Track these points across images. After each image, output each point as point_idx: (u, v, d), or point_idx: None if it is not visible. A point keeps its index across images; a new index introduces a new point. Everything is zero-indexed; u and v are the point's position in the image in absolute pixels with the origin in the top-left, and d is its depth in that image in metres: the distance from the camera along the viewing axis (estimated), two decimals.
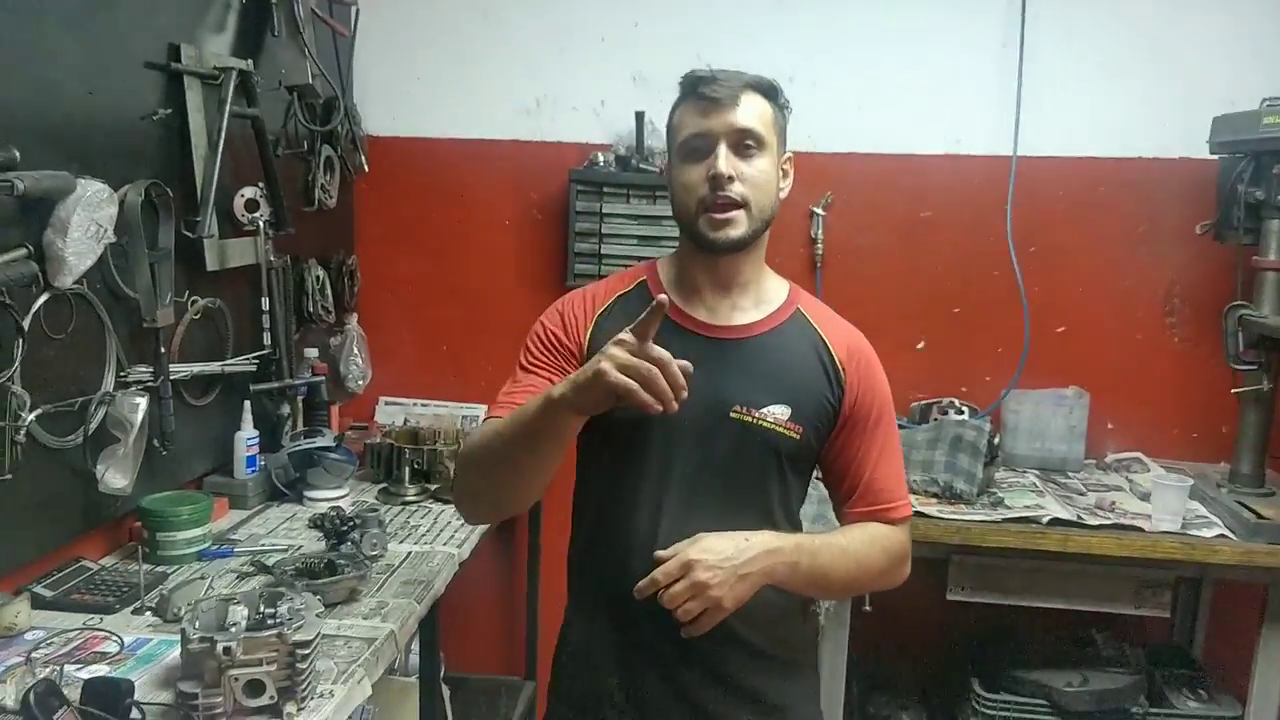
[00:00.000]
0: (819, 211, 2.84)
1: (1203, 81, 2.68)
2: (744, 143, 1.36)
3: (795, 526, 1.47)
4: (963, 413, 2.77)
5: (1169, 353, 2.81)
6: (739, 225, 1.36)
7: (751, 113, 1.36)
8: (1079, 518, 2.34)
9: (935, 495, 2.46)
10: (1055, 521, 2.32)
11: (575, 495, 1.52)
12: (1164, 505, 2.31)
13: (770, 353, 1.42)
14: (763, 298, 1.46)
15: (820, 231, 2.85)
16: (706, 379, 1.33)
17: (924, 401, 2.84)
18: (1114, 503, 2.44)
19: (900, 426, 2.73)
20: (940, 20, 2.78)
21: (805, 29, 2.82)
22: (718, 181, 1.34)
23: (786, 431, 1.39)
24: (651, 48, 2.85)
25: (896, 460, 1.49)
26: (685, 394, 1.21)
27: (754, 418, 1.38)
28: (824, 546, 1.38)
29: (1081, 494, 2.53)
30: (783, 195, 1.44)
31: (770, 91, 1.40)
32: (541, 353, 1.46)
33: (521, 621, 3.09)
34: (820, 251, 2.85)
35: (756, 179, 1.36)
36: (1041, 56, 2.74)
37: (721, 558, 1.27)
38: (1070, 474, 2.70)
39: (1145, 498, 2.44)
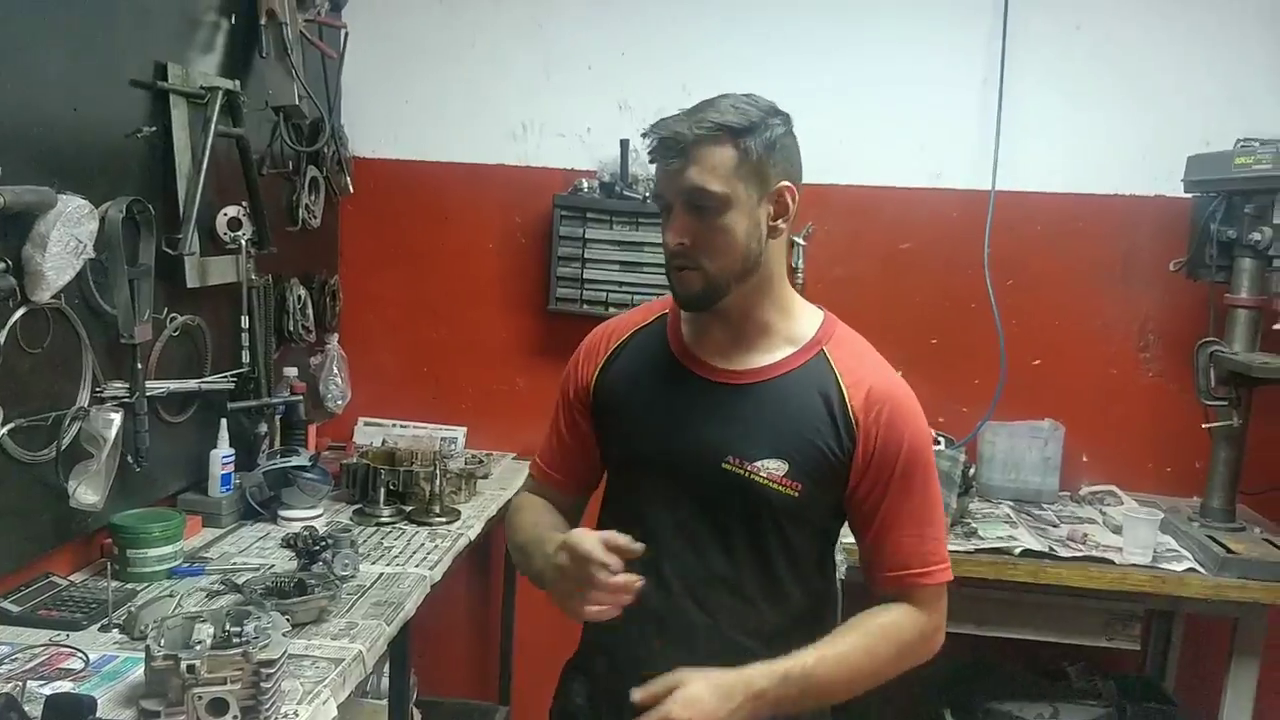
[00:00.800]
0: (799, 241, 2.87)
1: (1178, 121, 2.73)
2: (696, 203, 1.28)
3: (807, 583, 1.39)
4: (938, 443, 2.79)
5: (1143, 387, 2.84)
6: (695, 285, 1.31)
7: (703, 170, 1.26)
8: (1051, 549, 2.35)
9: None
10: (1027, 553, 2.33)
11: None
12: (1135, 538, 2.32)
13: (774, 401, 1.34)
14: (781, 340, 1.38)
15: (801, 261, 2.87)
16: (704, 427, 1.33)
17: None
18: (1086, 535, 2.45)
19: None
20: (922, 57, 2.82)
21: (791, 62, 2.85)
22: (669, 250, 1.32)
23: (781, 488, 1.31)
24: (638, 76, 2.88)
25: (930, 520, 1.36)
26: (629, 598, 1.22)
27: (747, 471, 1.32)
28: (819, 664, 1.29)
29: (1055, 525, 2.55)
30: (776, 232, 1.33)
31: (740, 131, 1.27)
32: (562, 398, 1.51)
33: (495, 645, 3.07)
34: (800, 281, 2.87)
35: (712, 241, 1.28)
36: (1021, 94, 2.78)
37: (704, 713, 1.20)
38: (1044, 506, 2.72)
39: (1118, 530, 2.45)
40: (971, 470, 2.67)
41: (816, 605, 1.44)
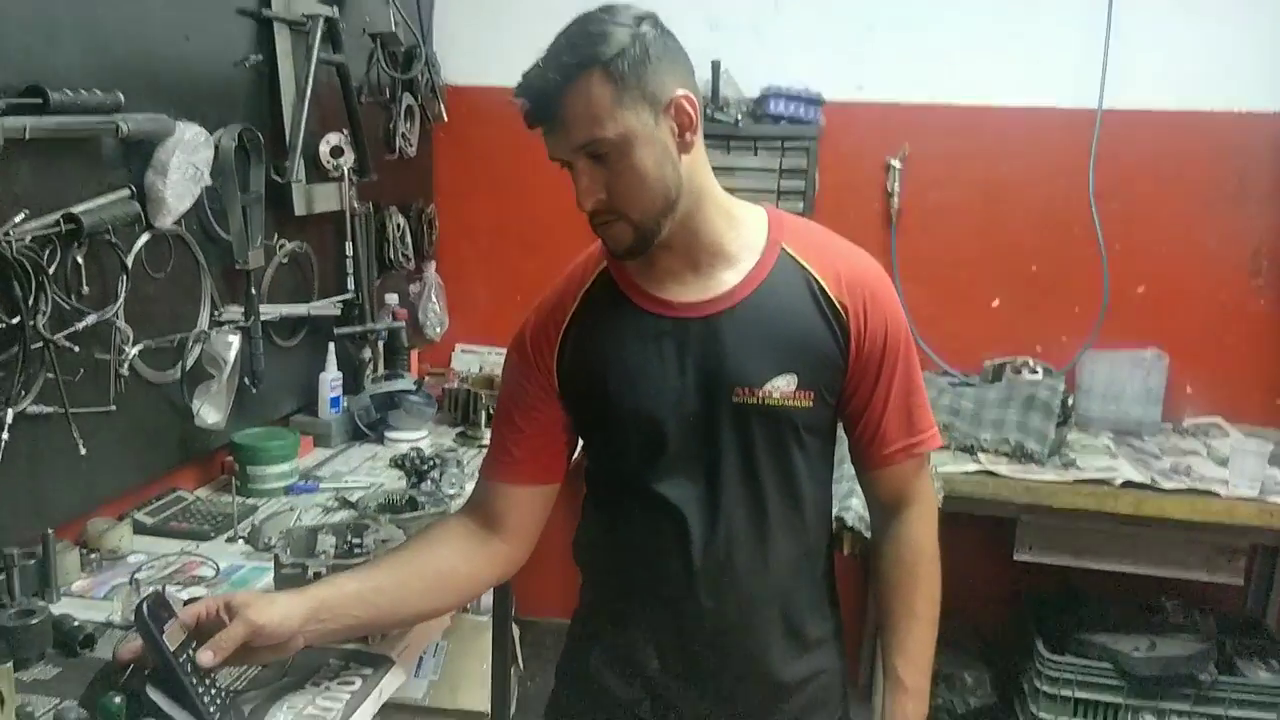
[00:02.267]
0: (895, 164, 2.81)
1: None
2: (594, 153, 1.15)
3: (824, 496, 1.35)
4: (1036, 372, 2.74)
5: (1253, 315, 2.74)
6: (624, 235, 1.20)
7: (584, 118, 1.13)
8: (1153, 481, 2.31)
9: (1006, 454, 2.44)
10: (1128, 484, 2.30)
11: (587, 487, 1.40)
12: (1242, 470, 2.27)
13: (761, 315, 1.25)
14: (739, 250, 1.27)
15: (896, 185, 2.82)
16: (698, 364, 1.25)
17: (997, 360, 2.81)
18: (1190, 467, 2.40)
19: (970, 385, 2.74)
20: None
21: None
22: (587, 212, 1.21)
23: (797, 403, 1.25)
24: None
25: (915, 388, 1.33)
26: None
27: (758, 398, 1.24)
28: (915, 646, 1.36)
29: (1156, 458, 2.50)
30: (688, 146, 1.20)
31: (605, 61, 1.12)
32: (512, 399, 1.35)
33: None
34: (896, 206, 2.82)
35: (624, 186, 1.17)
36: (1131, 5, 2.65)
37: None
38: (1146, 437, 2.66)
39: (1223, 463, 2.39)
40: (1070, 400, 2.62)
41: (824, 520, 1.38)
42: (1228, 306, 2.75)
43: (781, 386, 1.24)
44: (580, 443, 1.39)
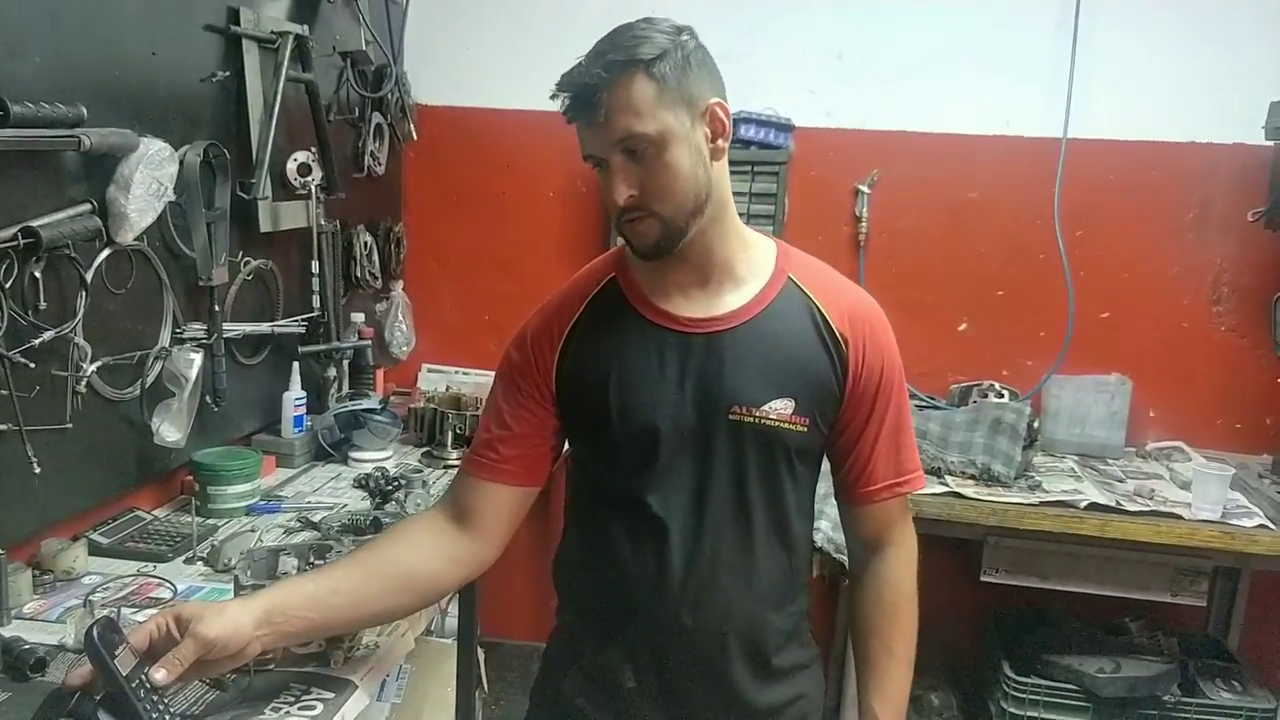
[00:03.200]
0: (864, 189, 2.84)
1: (1260, 66, 2.64)
2: (632, 149, 1.18)
3: (808, 520, 1.36)
4: (1002, 396, 2.77)
5: (1215, 342, 2.78)
6: (651, 233, 1.22)
7: (627, 113, 1.16)
8: (1117, 503, 2.33)
9: (973, 477, 2.46)
10: (1093, 506, 2.31)
11: (569, 504, 1.41)
12: (1205, 494, 2.29)
13: (764, 338, 1.27)
14: (747, 273, 1.30)
15: (865, 210, 2.84)
16: (697, 379, 1.26)
17: (964, 384, 2.83)
18: (1153, 490, 2.42)
19: (938, 408, 2.76)
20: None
21: (855, 4, 2.81)
22: (619, 208, 1.22)
23: (792, 426, 1.27)
24: (701, 19, 2.78)
25: (905, 427, 1.36)
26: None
27: (755, 417, 1.25)
28: (893, 686, 1.37)
29: (1120, 481, 2.52)
30: (719, 153, 1.25)
31: (649, 63, 1.16)
32: (505, 392, 1.35)
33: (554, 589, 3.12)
34: (864, 230, 2.84)
35: (658, 183, 1.19)
36: (1095, 38, 2.71)
37: None
38: (1110, 461, 2.69)
39: (1185, 486, 2.42)
40: (1036, 423, 2.65)
41: (805, 554, 1.39)
42: (1189, 332, 2.79)
43: (779, 408, 1.26)
44: (563, 454, 1.39)
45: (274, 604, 1.19)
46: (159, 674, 1.11)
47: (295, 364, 2.29)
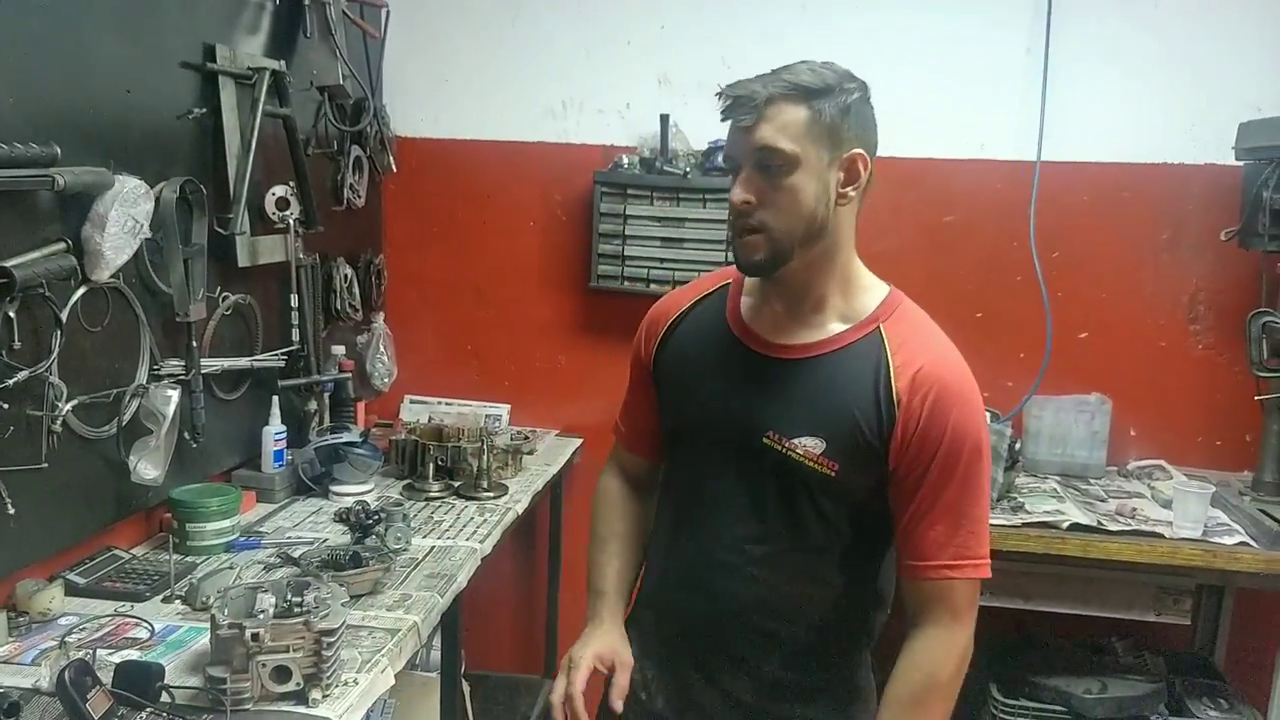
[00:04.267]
0: None
1: (1229, 87, 2.68)
2: (765, 163, 1.26)
3: (848, 561, 1.38)
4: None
5: (1192, 360, 2.80)
6: (758, 250, 1.29)
7: (775, 128, 1.25)
8: (1100, 523, 2.33)
9: None
10: (1075, 527, 2.32)
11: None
12: (1186, 512, 2.30)
13: (819, 378, 1.32)
14: (839, 315, 1.35)
15: None
16: (746, 401, 1.34)
17: None
18: (1135, 509, 2.43)
19: None
20: (966, 25, 2.78)
21: (831, 32, 2.83)
22: (735, 208, 1.30)
23: (818, 467, 1.30)
24: (677, 50, 2.87)
25: (969, 513, 1.30)
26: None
27: (784, 448, 1.31)
28: None
29: (1102, 500, 2.53)
30: (845, 200, 1.31)
31: (814, 93, 1.26)
32: (633, 367, 1.56)
33: (541, 620, 3.11)
34: None
35: (778, 201, 1.26)
36: (1067, 62, 2.74)
37: None
38: (1092, 480, 2.69)
39: (1167, 505, 2.43)
40: (1018, 445, 2.66)
41: (859, 595, 1.43)
42: (1167, 351, 2.81)
43: (808, 445, 1.31)
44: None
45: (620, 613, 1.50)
46: (619, 703, 1.41)
47: (275, 398, 2.28)
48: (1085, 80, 2.75)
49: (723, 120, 1.31)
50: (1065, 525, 2.32)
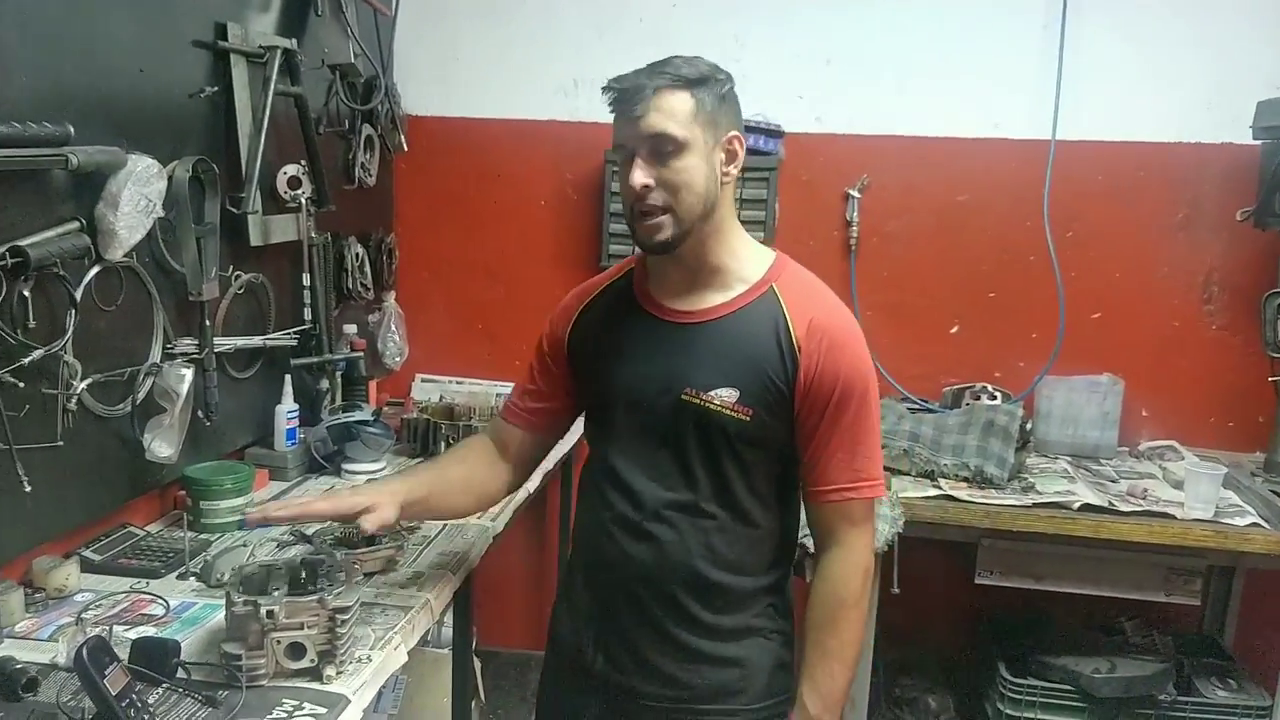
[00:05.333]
0: (854, 194, 2.84)
1: (1246, 66, 2.65)
2: (659, 149, 1.38)
3: (765, 503, 1.50)
4: (995, 398, 2.77)
5: (1206, 340, 2.79)
6: (664, 229, 1.41)
7: (664, 115, 1.36)
8: (1110, 504, 2.33)
9: (966, 479, 2.46)
10: (1086, 507, 2.32)
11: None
12: (1197, 493, 2.30)
13: (726, 335, 1.45)
14: (734, 280, 1.48)
15: (855, 214, 2.85)
16: (664, 363, 1.47)
17: (956, 386, 2.83)
18: (1146, 490, 2.43)
19: (930, 411, 2.76)
20: (980, 3, 2.76)
21: (843, 10, 2.82)
22: (634, 193, 1.41)
23: (734, 414, 1.43)
24: (689, 29, 2.86)
25: (862, 440, 1.47)
26: None
27: (702, 400, 1.44)
28: (825, 679, 1.49)
29: (1114, 481, 2.53)
30: (728, 178, 1.44)
31: (694, 82, 1.38)
32: (537, 348, 1.66)
33: (551, 597, 3.11)
34: (855, 234, 2.85)
35: (675, 181, 1.39)
36: (1083, 40, 2.72)
37: None
38: (1103, 461, 2.69)
39: (1178, 486, 2.42)
40: (1029, 425, 2.65)
41: (778, 539, 1.55)
42: (1181, 332, 2.80)
43: (724, 396, 1.43)
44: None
45: (406, 500, 1.57)
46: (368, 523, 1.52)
47: (287, 377, 2.29)
48: (1102, 58, 2.73)
49: (611, 111, 1.42)
50: (1076, 506, 2.32)
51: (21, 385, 1.52)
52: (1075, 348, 2.79)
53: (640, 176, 1.39)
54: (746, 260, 1.50)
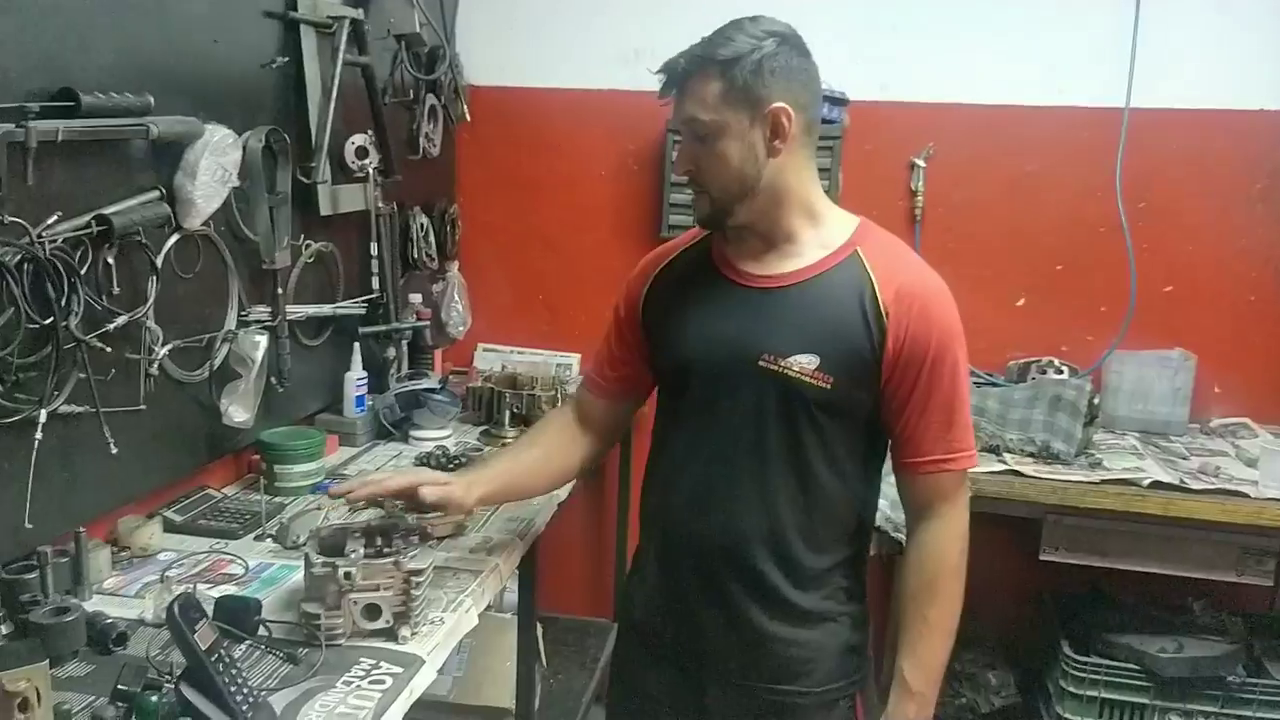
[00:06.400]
0: (919, 163, 2.80)
1: None
2: (694, 132, 1.39)
3: (843, 476, 1.46)
4: (1061, 372, 2.72)
5: None
6: (703, 206, 1.45)
7: (694, 101, 1.37)
8: (1181, 481, 2.29)
9: (1032, 455, 2.43)
10: (1156, 485, 2.27)
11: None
12: (1272, 471, 2.25)
13: (806, 301, 1.42)
14: (814, 245, 1.44)
15: (920, 184, 2.81)
16: (741, 327, 1.44)
17: (1022, 360, 2.79)
18: (1219, 468, 2.38)
19: (995, 385, 2.73)
20: None
21: None
22: (678, 175, 1.48)
23: (814, 381, 1.39)
24: None
25: (956, 408, 1.43)
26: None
27: (780, 367, 1.40)
28: (926, 652, 1.47)
29: (1184, 458, 2.48)
30: (777, 151, 1.38)
31: (726, 63, 1.34)
32: (614, 314, 1.64)
33: (610, 565, 3.16)
34: (920, 204, 2.81)
35: (710, 165, 1.40)
36: (1158, 4, 2.63)
37: None
38: (1173, 438, 2.63)
39: (1252, 464, 2.37)
40: (1096, 400, 2.60)
41: (857, 513, 1.52)
42: (1256, 306, 2.72)
43: (803, 363, 1.40)
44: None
45: (485, 492, 1.60)
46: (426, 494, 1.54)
47: (356, 345, 2.33)
48: (1178, 22, 2.64)
49: (658, 98, 1.44)
50: (1146, 483, 2.28)
51: (108, 350, 1.56)
52: (1146, 322, 2.73)
53: (680, 163, 1.44)
54: (827, 226, 1.46)
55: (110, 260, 1.57)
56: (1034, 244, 2.80)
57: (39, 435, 1.44)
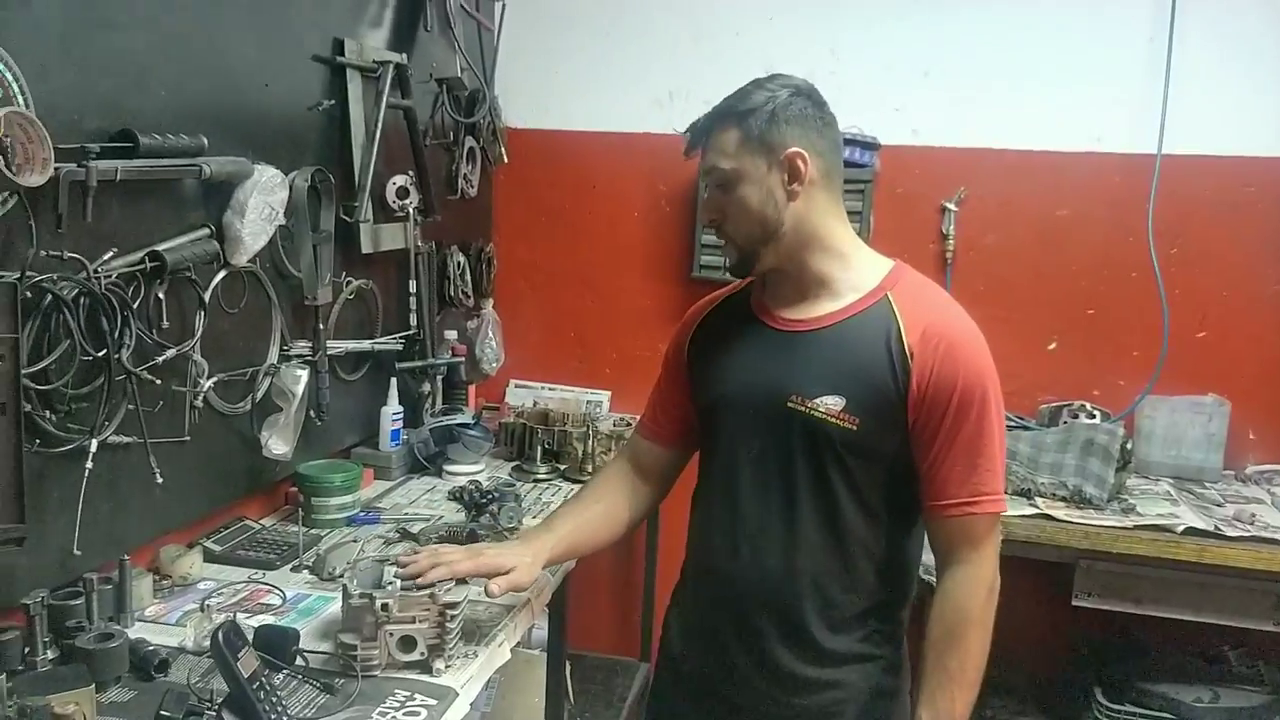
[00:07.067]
0: (951, 207, 2.82)
1: None
2: (717, 182, 1.45)
3: (874, 518, 1.46)
4: (1094, 416, 2.71)
5: None
6: (730, 255, 1.52)
7: (715, 152, 1.44)
8: (1216, 528, 2.27)
9: (1064, 499, 2.42)
10: (1191, 531, 2.26)
11: None
12: None
13: (835, 343, 1.44)
14: (845, 288, 1.47)
15: (952, 227, 2.83)
16: (772, 370, 1.48)
17: (1054, 404, 2.78)
18: (1254, 515, 2.35)
19: (1027, 428, 2.72)
20: (1084, 12, 2.72)
21: (940, 22, 2.80)
22: (704, 225, 1.54)
23: (839, 422, 1.41)
24: (785, 42, 2.87)
25: (983, 452, 1.40)
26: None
27: (807, 408, 1.43)
28: (945, 702, 1.44)
29: (1219, 505, 2.46)
30: (795, 195, 1.42)
31: (740, 115, 1.41)
32: (664, 360, 1.69)
33: (638, 604, 3.16)
34: (951, 247, 2.83)
35: (732, 211, 1.45)
36: (1190, 51, 2.65)
37: None
38: (1207, 484, 2.61)
39: None
40: (1129, 445, 2.59)
41: (890, 557, 1.50)
42: None
43: (829, 403, 1.42)
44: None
45: (550, 558, 1.58)
46: (494, 588, 1.47)
47: (393, 380, 2.37)
48: (1210, 69, 2.66)
49: (684, 155, 1.54)
50: (1180, 529, 2.26)
51: (158, 383, 1.61)
52: (1178, 367, 2.72)
53: (705, 212, 1.53)
54: (858, 269, 1.48)
55: (161, 295, 1.62)
56: (1066, 288, 2.81)
57: (89, 464, 1.48)
